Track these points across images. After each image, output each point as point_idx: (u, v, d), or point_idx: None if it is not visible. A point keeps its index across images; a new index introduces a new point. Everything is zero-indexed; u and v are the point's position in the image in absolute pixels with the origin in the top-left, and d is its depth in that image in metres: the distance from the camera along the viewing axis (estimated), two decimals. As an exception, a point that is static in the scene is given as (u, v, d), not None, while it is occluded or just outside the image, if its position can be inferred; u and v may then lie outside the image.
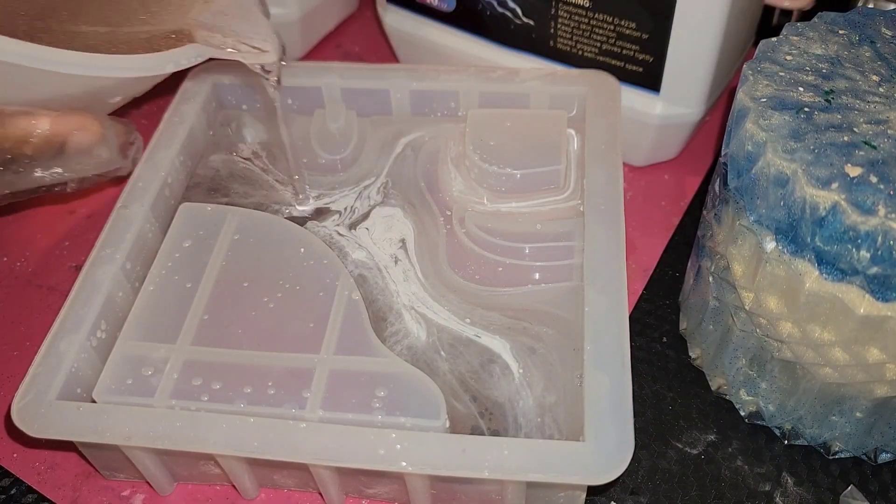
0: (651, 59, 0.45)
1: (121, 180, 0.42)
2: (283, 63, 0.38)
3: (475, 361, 0.37)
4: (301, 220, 0.43)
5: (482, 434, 0.35)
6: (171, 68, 0.33)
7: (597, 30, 0.46)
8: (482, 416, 0.36)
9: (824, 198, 0.30)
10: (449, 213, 0.43)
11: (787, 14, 0.52)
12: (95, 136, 0.34)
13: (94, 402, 0.35)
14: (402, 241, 0.42)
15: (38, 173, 0.33)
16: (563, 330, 0.38)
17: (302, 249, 0.40)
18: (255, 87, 0.48)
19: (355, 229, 0.43)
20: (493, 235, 0.42)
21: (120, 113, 0.41)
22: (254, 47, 0.37)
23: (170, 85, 0.45)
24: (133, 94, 0.37)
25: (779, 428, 0.38)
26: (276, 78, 0.39)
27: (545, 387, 0.36)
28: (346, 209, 0.44)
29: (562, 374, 0.37)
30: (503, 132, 0.44)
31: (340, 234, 0.43)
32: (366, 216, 0.44)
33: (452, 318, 0.39)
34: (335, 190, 0.45)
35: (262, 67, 0.38)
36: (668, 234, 0.48)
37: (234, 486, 0.37)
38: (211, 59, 0.38)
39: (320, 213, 0.44)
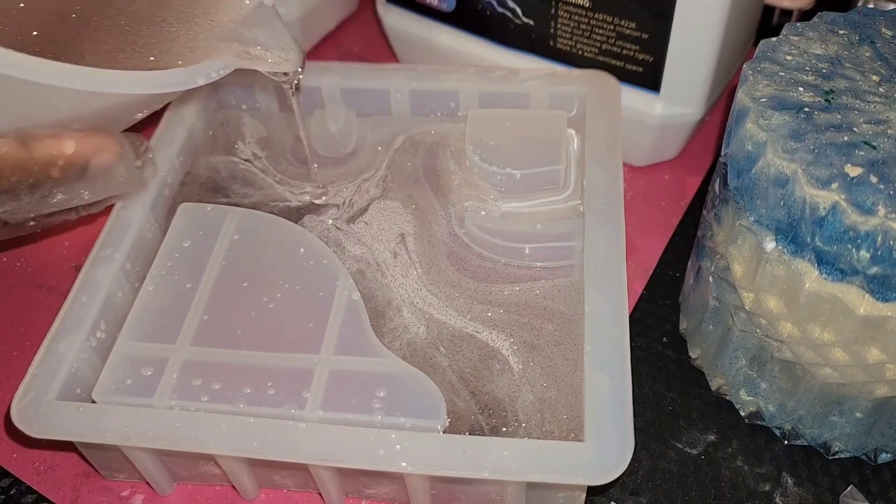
0: (651, 59, 0.45)
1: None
2: (302, 69, 0.38)
3: (475, 357, 0.37)
4: (299, 214, 0.43)
5: (482, 430, 0.35)
6: (201, 81, 0.33)
7: (597, 30, 0.46)
8: (482, 412, 0.36)
9: (824, 198, 0.30)
10: (449, 211, 0.43)
11: (787, 14, 0.52)
12: (114, 156, 0.33)
13: (93, 402, 0.35)
14: (402, 235, 0.42)
15: (61, 196, 0.33)
16: (564, 325, 0.38)
17: (302, 249, 0.40)
18: (256, 88, 0.48)
19: (354, 223, 0.43)
20: (493, 235, 0.42)
21: None
22: (276, 56, 0.37)
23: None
24: (156, 108, 0.37)
25: (779, 428, 0.38)
26: (295, 83, 0.40)
27: (545, 382, 0.36)
28: (344, 203, 0.44)
29: (562, 369, 0.37)
30: (503, 132, 0.44)
31: (339, 229, 0.43)
32: (364, 210, 0.44)
33: (452, 314, 0.39)
34: (334, 183, 0.45)
35: (284, 74, 0.38)
36: (668, 234, 0.48)
37: (234, 486, 0.37)
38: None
39: (318, 207, 0.44)
